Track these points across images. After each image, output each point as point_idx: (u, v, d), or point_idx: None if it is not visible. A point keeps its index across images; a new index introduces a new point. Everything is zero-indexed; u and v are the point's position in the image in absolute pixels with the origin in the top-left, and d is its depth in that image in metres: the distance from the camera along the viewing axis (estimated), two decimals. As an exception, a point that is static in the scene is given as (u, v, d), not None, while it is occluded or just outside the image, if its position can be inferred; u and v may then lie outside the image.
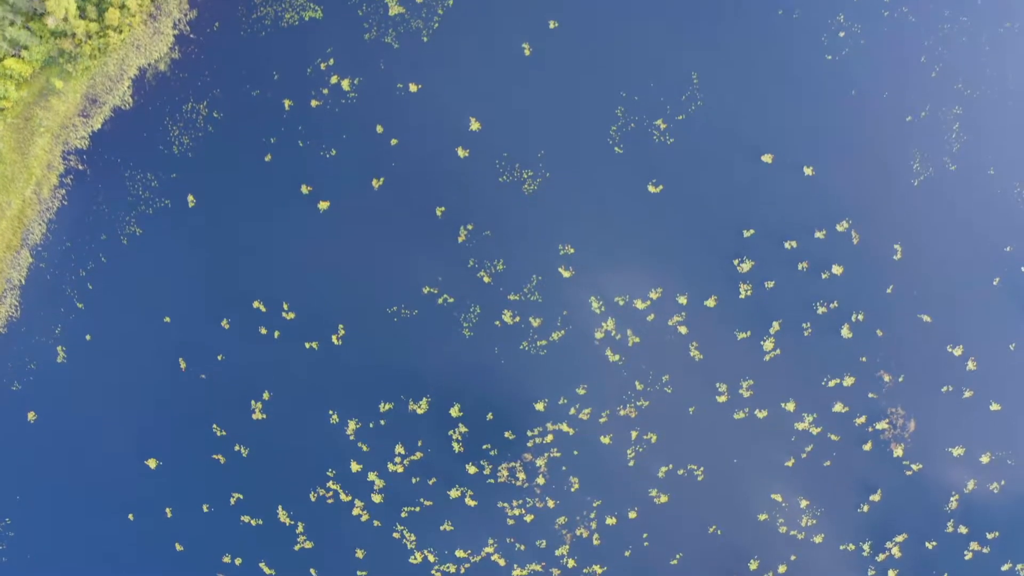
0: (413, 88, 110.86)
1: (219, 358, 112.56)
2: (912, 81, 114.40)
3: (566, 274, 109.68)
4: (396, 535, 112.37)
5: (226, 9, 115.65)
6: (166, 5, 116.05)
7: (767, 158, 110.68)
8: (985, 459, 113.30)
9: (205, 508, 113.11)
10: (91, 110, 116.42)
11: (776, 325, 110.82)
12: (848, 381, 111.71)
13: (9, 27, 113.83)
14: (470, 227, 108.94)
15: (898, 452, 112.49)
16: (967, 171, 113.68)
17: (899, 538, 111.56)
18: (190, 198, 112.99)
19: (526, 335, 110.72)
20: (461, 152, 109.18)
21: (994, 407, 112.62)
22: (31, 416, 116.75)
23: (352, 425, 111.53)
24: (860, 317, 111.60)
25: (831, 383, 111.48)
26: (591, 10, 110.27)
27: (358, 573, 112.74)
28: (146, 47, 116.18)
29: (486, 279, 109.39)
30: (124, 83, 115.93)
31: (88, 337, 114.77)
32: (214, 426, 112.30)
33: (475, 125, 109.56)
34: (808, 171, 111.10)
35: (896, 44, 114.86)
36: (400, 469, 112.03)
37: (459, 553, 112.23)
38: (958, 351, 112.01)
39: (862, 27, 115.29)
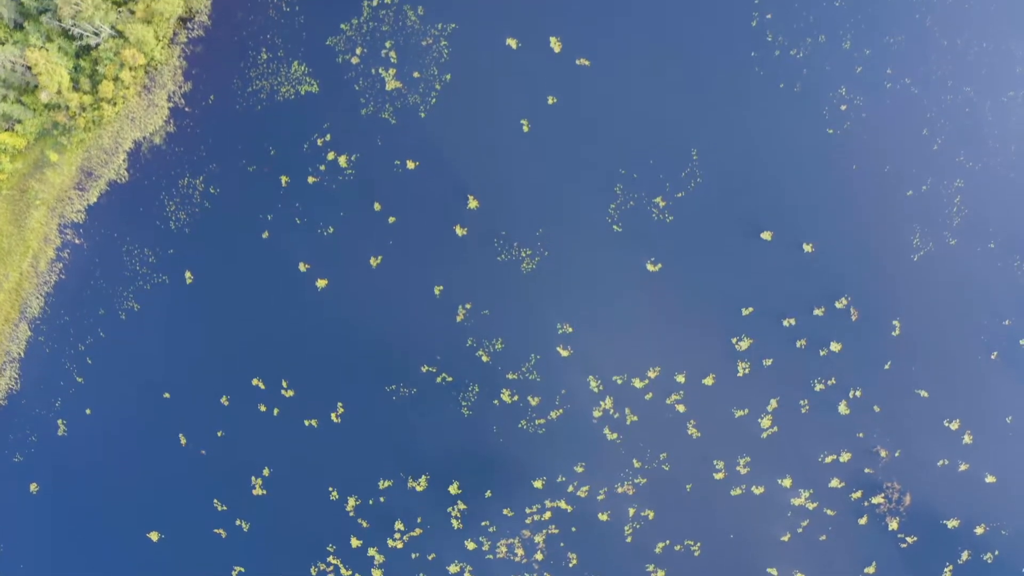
0: (411, 165, 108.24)
1: (219, 434, 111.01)
2: (914, 154, 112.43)
3: (564, 353, 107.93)
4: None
5: (221, 82, 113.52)
6: (160, 77, 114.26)
7: (766, 235, 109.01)
8: (980, 530, 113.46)
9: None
10: (86, 183, 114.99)
11: (774, 403, 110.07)
12: (844, 457, 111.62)
13: (1, 102, 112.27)
14: (468, 306, 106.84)
15: (893, 525, 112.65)
16: (967, 245, 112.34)
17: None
18: (188, 275, 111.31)
19: (524, 414, 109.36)
20: (459, 230, 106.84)
21: (989, 479, 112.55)
22: (33, 487, 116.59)
23: (352, 501, 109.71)
24: (858, 393, 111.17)
25: (827, 459, 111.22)
26: (590, 86, 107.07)
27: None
28: (141, 120, 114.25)
29: (484, 358, 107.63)
30: (119, 156, 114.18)
31: (88, 411, 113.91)
32: (215, 501, 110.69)
33: (473, 203, 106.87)
34: (808, 248, 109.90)
35: (898, 116, 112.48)
36: (400, 545, 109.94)
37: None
38: (955, 425, 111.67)
39: (864, 99, 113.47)
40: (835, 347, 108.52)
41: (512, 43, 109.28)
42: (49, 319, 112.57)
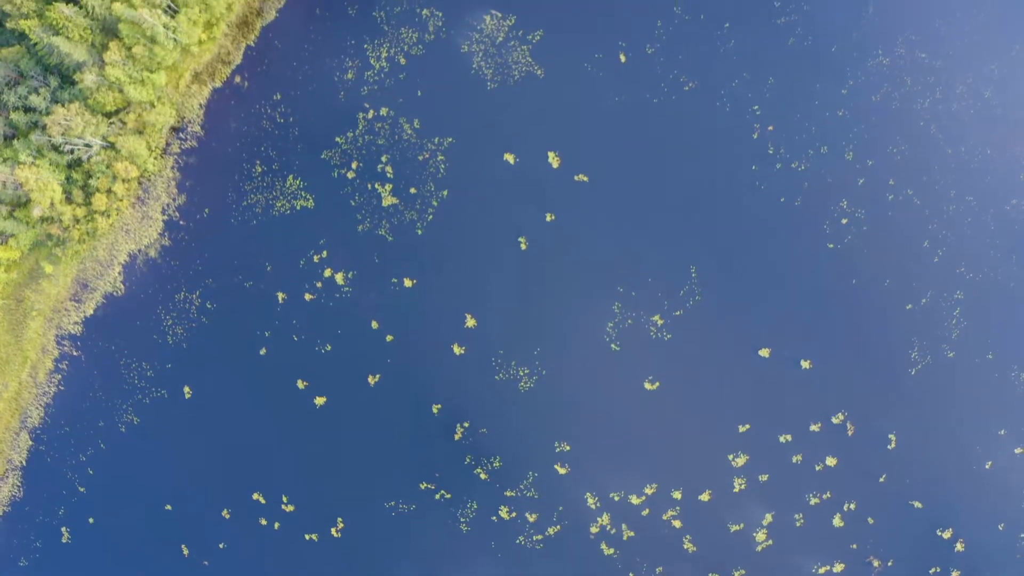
0: (408, 283, 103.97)
1: (221, 546, 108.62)
2: (914, 267, 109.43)
3: (562, 471, 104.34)
4: None
5: (216, 195, 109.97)
6: (154, 189, 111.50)
7: (764, 352, 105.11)
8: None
9: None
10: (83, 295, 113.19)
11: (769, 517, 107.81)
12: (838, 567, 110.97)
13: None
14: (466, 424, 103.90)
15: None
16: (966, 357, 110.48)
17: None
18: (186, 389, 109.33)
19: (522, 530, 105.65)
20: (457, 349, 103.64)
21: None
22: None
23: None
24: (852, 506, 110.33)
25: (821, 570, 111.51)
26: (589, 203, 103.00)
27: None
28: (135, 232, 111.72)
29: (483, 476, 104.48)
30: (115, 269, 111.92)
31: (91, 520, 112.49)
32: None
33: (471, 322, 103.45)
34: (805, 364, 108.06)
35: (900, 229, 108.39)
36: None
37: None
38: (947, 534, 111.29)
39: (866, 212, 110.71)
40: (831, 461, 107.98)
41: (510, 158, 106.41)
42: (49, 429, 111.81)
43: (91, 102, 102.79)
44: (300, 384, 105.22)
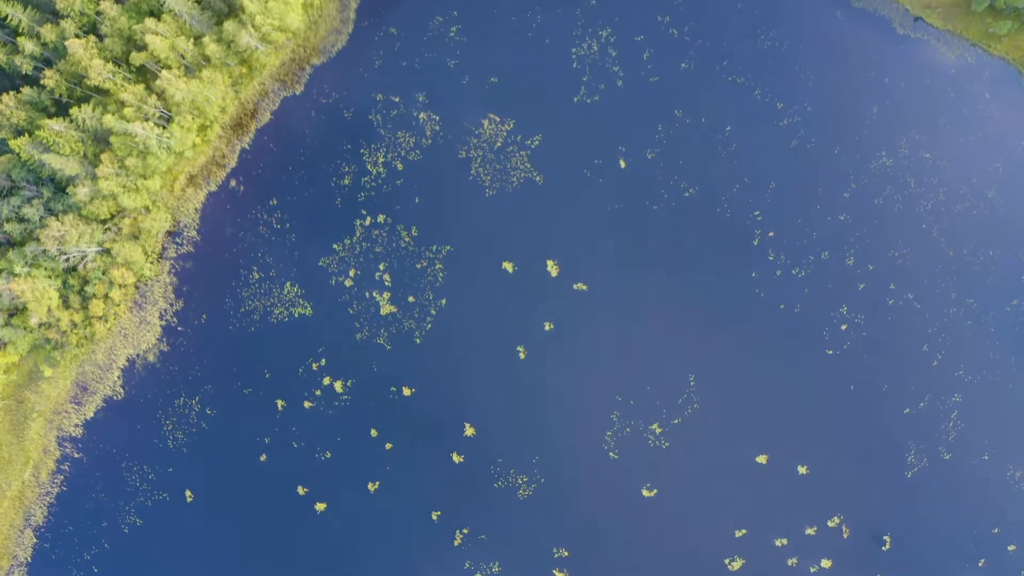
0: (407, 392, 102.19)
1: None
2: (913, 371, 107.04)
3: None
4: None
5: (213, 301, 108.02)
6: (151, 294, 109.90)
7: (762, 459, 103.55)
8: None
9: None
10: (83, 397, 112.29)
11: None
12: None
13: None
14: (465, 531, 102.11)
15: None
16: (962, 459, 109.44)
17: None
18: (188, 493, 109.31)
19: None
20: (456, 457, 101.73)
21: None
22: None
23: None
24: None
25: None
26: (587, 312, 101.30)
27: None
28: (134, 336, 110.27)
29: None
30: (114, 372, 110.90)
31: None
32: None
33: (470, 431, 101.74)
34: (802, 470, 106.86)
35: (900, 333, 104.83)
36: None
37: None
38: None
39: (865, 318, 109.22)
40: (826, 564, 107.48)
41: (508, 267, 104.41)
42: (53, 528, 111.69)
43: (85, 212, 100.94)
44: (300, 490, 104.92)
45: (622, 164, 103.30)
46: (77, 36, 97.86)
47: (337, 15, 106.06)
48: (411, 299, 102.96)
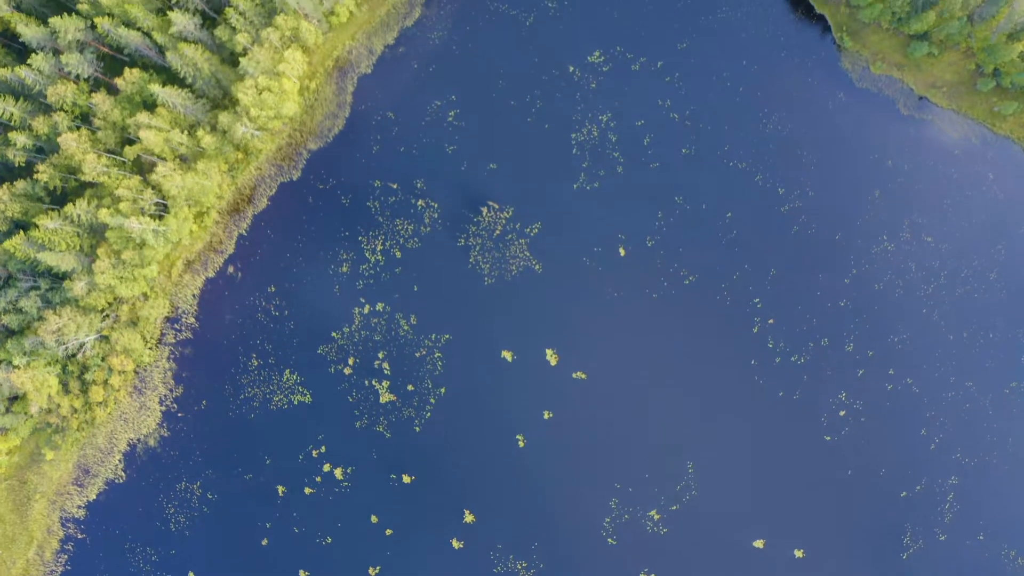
0: (407, 479, 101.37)
1: None
2: (911, 455, 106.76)
3: None
4: None
5: (212, 387, 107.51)
6: (151, 379, 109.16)
7: (759, 543, 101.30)
8: None
9: None
10: (84, 480, 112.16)
11: None
12: None
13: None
14: None
15: None
16: (957, 539, 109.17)
17: None
18: (191, 575, 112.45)
19: None
20: (455, 543, 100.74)
21: None
22: None
23: None
24: None
25: None
26: (587, 400, 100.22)
27: None
28: (134, 421, 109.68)
29: None
30: (115, 456, 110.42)
31: None
32: None
33: (469, 517, 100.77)
34: (799, 554, 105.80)
35: (898, 418, 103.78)
36: None
37: None
38: None
39: (864, 403, 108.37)
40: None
41: (507, 355, 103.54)
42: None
43: (83, 304, 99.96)
44: (302, 574, 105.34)
45: (622, 252, 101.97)
46: (70, 129, 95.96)
47: (334, 99, 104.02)
48: (410, 387, 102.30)
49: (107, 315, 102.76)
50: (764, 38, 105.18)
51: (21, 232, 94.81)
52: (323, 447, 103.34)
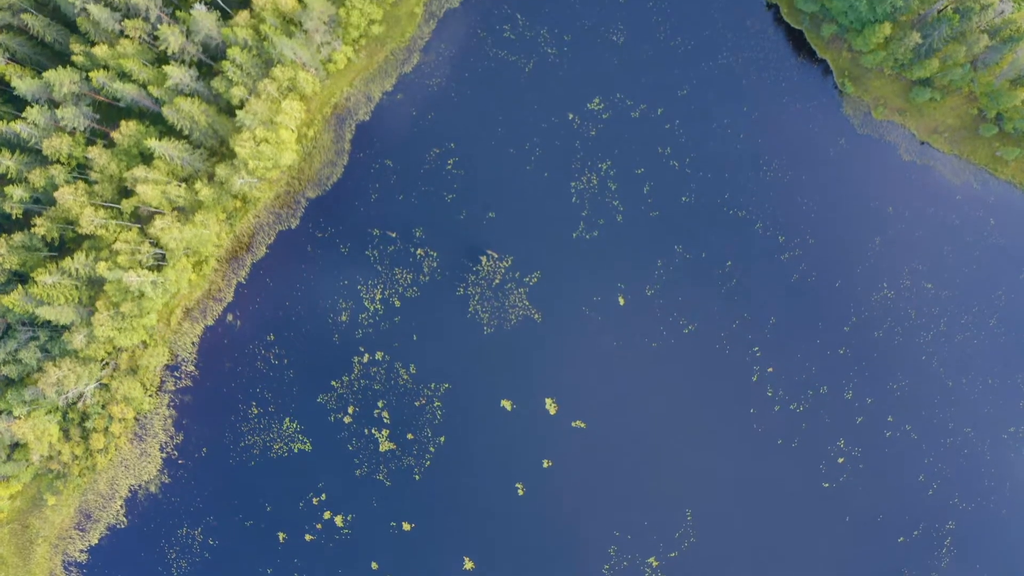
0: (407, 527, 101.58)
1: None
2: (908, 501, 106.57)
3: None
4: None
5: (213, 435, 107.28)
6: (151, 426, 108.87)
7: None
8: None
9: None
10: (86, 524, 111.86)
11: None
12: None
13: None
14: None
15: None
16: None
17: None
18: None
19: None
20: None
21: None
22: None
23: None
24: None
25: None
26: (586, 449, 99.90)
27: None
28: (135, 467, 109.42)
29: None
30: (116, 502, 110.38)
31: None
32: None
33: (469, 564, 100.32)
34: None
35: (896, 464, 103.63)
36: None
37: None
38: None
39: (863, 450, 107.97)
40: None
41: (507, 405, 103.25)
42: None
43: (82, 355, 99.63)
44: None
45: (621, 301, 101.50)
46: (67, 182, 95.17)
47: (332, 146, 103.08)
48: (410, 436, 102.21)
49: (107, 363, 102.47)
50: (765, 84, 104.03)
51: (19, 287, 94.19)
52: (323, 495, 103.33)
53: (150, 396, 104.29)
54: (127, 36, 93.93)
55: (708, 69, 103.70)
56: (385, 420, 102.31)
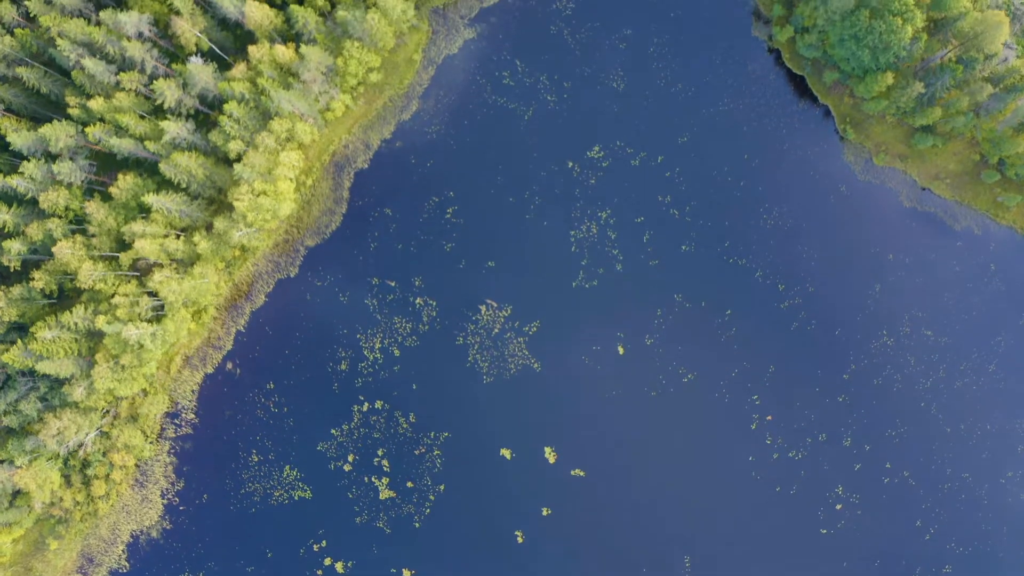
0: (407, 574, 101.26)
1: None
2: (906, 546, 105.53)
3: None
4: None
5: (214, 482, 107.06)
6: (152, 473, 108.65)
7: None
8: None
9: None
10: (88, 569, 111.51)
11: None
12: None
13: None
14: None
15: None
16: None
17: None
18: None
19: None
20: None
21: None
22: None
23: None
24: None
25: None
26: (585, 497, 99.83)
27: None
28: (136, 513, 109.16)
29: None
30: (118, 547, 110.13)
31: None
32: None
33: None
34: None
35: (894, 510, 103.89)
36: None
37: None
38: None
39: (860, 496, 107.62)
40: None
41: (506, 453, 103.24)
42: None
43: (83, 406, 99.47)
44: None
45: (620, 350, 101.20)
46: (64, 236, 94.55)
47: (331, 195, 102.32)
48: (410, 484, 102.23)
49: (107, 411, 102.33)
50: (766, 131, 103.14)
51: (19, 341, 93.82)
52: (324, 541, 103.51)
53: (151, 443, 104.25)
54: (123, 89, 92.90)
55: (709, 116, 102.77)
56: (385, 468, 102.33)
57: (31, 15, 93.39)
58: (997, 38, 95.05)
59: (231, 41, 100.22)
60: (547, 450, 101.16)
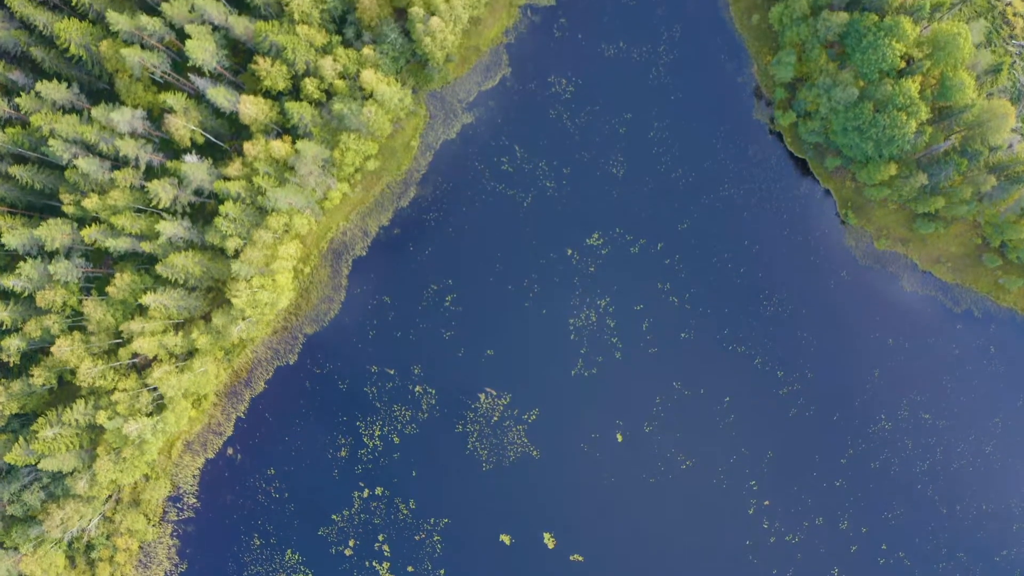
0: None
1: None
2: None
3: None
4: None
5: (216, 565, 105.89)
6: (156, 555, 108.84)
7: None
8: None
9: None
10: None
11: None
12: None
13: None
14: None
15: None
16: None
17: None
18: None
19: None
20: None
21: None
22: None
23: None
24: None
25: None
26: None
27: None
28: None
29: None
30: None
31: None
32: None
33: None
34: None
35: None
36: None
37: None
38: None
39: None
40: None
41: (506, 539, 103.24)
42: None
43: (86, 495, 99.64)
44: None
45: (619, 438, 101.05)
46: (62, 332, 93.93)
47: (329, 282, 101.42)
48: (410, 569, 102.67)
49: (110, 496, 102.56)
50: (767, 216, 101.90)
51: (20, 439, 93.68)
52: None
53: (153, 526, 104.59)
54: (117, 187, 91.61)
55: (709, 202, 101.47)
56: (386, 553, 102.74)
57: (23, 111, 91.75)
58: (1003, 128, 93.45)
59: (226, 127, 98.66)
60: (546, 536, 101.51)
